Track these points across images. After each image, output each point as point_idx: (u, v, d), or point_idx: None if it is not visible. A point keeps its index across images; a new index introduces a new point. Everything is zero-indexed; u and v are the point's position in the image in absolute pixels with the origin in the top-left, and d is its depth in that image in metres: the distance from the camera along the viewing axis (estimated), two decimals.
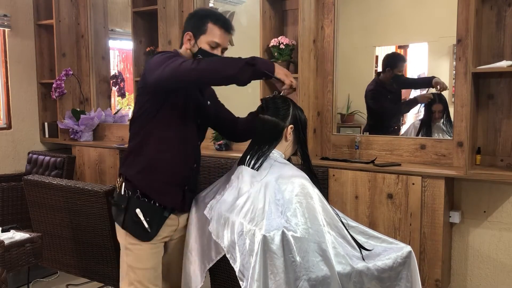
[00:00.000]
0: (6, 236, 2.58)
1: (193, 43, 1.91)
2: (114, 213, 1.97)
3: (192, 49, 1.92)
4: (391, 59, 3.24)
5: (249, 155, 1.80)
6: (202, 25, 1.90)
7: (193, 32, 1.91)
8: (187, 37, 1.92)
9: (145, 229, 1.87)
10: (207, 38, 1.90)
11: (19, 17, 4.15)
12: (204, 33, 1.90)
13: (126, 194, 1.89)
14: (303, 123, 1.82)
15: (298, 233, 1.53)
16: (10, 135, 4.15)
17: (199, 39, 1.91)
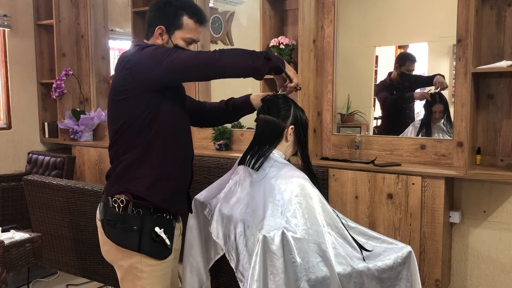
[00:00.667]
0: (6, 236, 2.58)
1: (167, 39, 1.72)
2: (119, 237, 1.69)
3: (165, 45, 1.72)
4: (400, 56, 3.29)
5: (249, 155, 1.80)
6: (177, 18, 1.71)
7: (166, 26, 1.71)
8: (159, 31, 1.71)
9: (166, 246, 1.70)
10: (183, 34, 1.72)
11: (19, 17, 4.15)
12: (179, 28, 1.71)
13: (136, 213, 1.67)
14: (304, 123, 1.82)
15: (298, 234, 1.53)
16: (10, 135, 4.15)
17: (173, 35, 1.72)
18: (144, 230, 1.66)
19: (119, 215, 1.68)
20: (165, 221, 1.71)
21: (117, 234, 1.69)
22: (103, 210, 1.74)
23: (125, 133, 1.68)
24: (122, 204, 1.67)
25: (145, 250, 1.67)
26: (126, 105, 1.67)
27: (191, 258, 1.96)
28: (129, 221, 1.67)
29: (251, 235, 1.61)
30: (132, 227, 1.66)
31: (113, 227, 1.69)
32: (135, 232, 1.66)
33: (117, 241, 1.69)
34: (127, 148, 1.69)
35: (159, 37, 1.71)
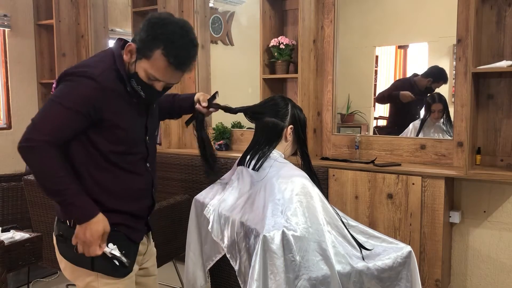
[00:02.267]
0: (6, 236, 2.58)
1: (132, 62, 1.47)
2: (72, 254, 1.51)
3: (130, 66, 1.49)
4: (438, 73, 3.08)
5: (249, 155, 1.80)
6: (149, 48, 1.43)
7: (137, 47, 1.45)
8: (129, 48, 1.47)
9: (123, 263, 1.52)
10: (147, 67, 1.45)
11: (19, 17, 4.15)
12: (148, 57, 1.44)
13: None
14: (303, 122, 1.82)
15: (298, 233, 1.53)
16: (10, 135, 4.14)
17: (139, 61, 1.46)
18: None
19: (70, 230, 1.50)
20: (121, 237, 1.54)
21: (70, 251, 1.52)
22: (57, 224, 1.60)
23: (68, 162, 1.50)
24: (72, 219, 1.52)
25: (100, 268, 1.52)
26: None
27: (191, 258, 1.96)
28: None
29: (251, 235, 1.61)
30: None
31: (64, 243, 1.54)
32: None
33: (70, 258, 1.55)
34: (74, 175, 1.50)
35: (128, 53, 1.48)
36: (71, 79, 1.45)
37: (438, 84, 3.08)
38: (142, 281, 1.72)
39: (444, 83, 3.05)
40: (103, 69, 1.47)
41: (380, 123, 3.53)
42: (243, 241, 1.65)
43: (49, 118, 1.42)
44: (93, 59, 1.55)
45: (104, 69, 1.47)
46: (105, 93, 1.45)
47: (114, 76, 1.48)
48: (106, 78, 1.46)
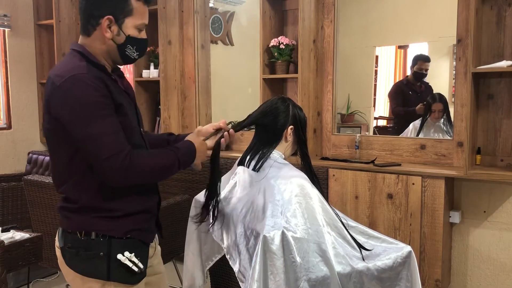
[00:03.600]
0: (6, 236, 2.58)
1: (117, 30, 1.44)
2: (83, 265, 1.47)
3: (116, 38, 1.45)
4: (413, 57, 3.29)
5: (249, 156, 1.80)
6: (125, 4, 1.43)
7: (113, 14, 1.42)
8: (107, 22, 1.42)
9: (140, 269, 1.50)
10: (135, 21, 1.45)
11: (19, 17, 4.15)
12: (129, 14, 1.44)
13: (102, 236, 1.46)
14: (303, 122, 1.81)
15: (297, 234, 1.53)
16: (10, 135, 4.14)
17: (124, 24, 1.44)
18: (112, 256, 1.46)
19: (81, 241, 1.46)
20: (136, 243, 1.52)
21: (81, 263, 1.47)
22: (62, 236, 1.51)
23: (66, 172, 1.46)
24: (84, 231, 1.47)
25: (116, 277, 1.47)
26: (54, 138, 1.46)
27: (190, 258, 1.96)
28: (94, 246, 1.45)
29: (251, 235, 1.60)
30: (98, 253, 1.45)
31: (75, 254, 1.47)
32: (102, 258, 1.45)
33: (81, 270, 1.48)
34: (76, 189, 1.47)
35: (108, 30, 1.43)
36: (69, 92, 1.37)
37: (418, 65, 3.17)
38: (149, 281, 1.69)
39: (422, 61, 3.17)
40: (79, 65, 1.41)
41: (380, 123, 3.53)
42: (243, 242, 1.65)
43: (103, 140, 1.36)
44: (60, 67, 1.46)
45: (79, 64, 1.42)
46: (101, 81, 1.40)
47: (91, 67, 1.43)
48: (90, 69, 1.41)
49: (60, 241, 1.53)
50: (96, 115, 1.36)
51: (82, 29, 1.48)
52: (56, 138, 1.45)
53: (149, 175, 1.46)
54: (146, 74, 3.75)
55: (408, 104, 3.27)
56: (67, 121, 1.37)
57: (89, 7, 1.44)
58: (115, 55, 1.50)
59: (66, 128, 1.38)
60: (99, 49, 1.47)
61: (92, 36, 1.46)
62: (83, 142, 1.37)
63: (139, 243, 1.53)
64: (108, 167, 1.36)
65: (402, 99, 3.32)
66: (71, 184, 1.47)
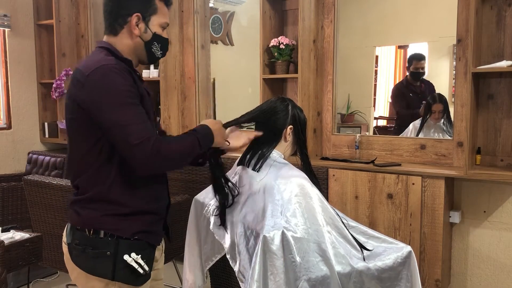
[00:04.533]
0: (6, 236, 2.58)
1: (144, 28, 1.50)
2: (89, 263, 1.48)
3: (144, 35, 1.51)
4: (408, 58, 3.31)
5: (249, 155, 1.80)
6: (150, 3, 1.50)
7: (141, 13, 1.49)
8: (135, 19, 1.48)
9: (145, 271, 1.51)
10: (159, 19, 1.52)
11: (19, 17, 4.15)
12: (155, 12, 1.51)
13: (110, 236, 1.47)
14: (303, 123, 1.81)
15: (297, 234, 1.53)
16: (10, 135, 4.14)
17: (150, 21, 1.51)
18: (118, 256, 1.47)
19: (89, 239, 1.47)
20: (143, 245, 1.52)
21: (87, 260, 1.49)
22: (70, 232, 1.53)
23: (82, 163, 1.48)
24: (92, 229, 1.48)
25: (120, 277, 1.48)
26: (76, 127, 1.47)
27: (190, 258, 1.96)
28: (102, 245, 1.47)
29: (251, 235, 1.60)
30: (105, 253, 1.46)
31: (82, 252, 1.48)
32: (109, 257, 1.46)
33: (87, 268, 1.49)
34: (91, 181, 1.48)
35: (136, 27, 1.48)
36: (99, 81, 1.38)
37: (413, 65, 3.18)
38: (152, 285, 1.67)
39: (417, 60, 3.19)
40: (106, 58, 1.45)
41: (380, 123, 3.53)
42: (243, 242, 1.65)
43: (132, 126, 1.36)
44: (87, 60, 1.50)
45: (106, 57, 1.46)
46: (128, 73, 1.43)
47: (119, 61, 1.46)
48: (117, 62, 1.45)
49: (68, 237, 1.55)
50: (125, 103, 1.38)
51: (108, 29, 1.52)
52: (78, 129, 1.46)
53: (177, 158, 1.45)
54: (146, 74, 3.75)
55: (411, 105, 3.26)
56: (95, 108, 1.38)
57: (116, 7, 1.49)
58: (141, 52, 1.54)
59: (93, 116, 1.39)
60: (126, 47, 1.51)
61: (119, 35, 1.50)
62: (112, 130, 1.37)
63: (146, 245, 1.53)
64: (139, 153, 1.35)
65: (405, 102, 3.32)
66: (86, 176, 1.48)
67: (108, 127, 1.37)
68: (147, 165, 1.38)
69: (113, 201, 1.47)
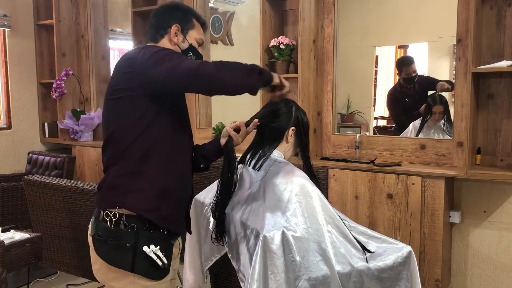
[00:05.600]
0: (6, 236, 2.58)
1: (182, 38, 1.69)
2: (110, 254, 1.54)
3: (181, 44, 1.69)
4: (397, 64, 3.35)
5: (250, 155, 1.80)
6: (189, 19, 1.71)
7: (181, 25, 1.69)
8: (175, 29, 1.67)
9: (164, 264, 1.55)
10: (196, 34, 1.72)
11: (19, 17, 4.15)
12: (192, 28, 1.71)
13: (130, 228, 1.52)
14: (305, 125, 1.81)
15: (298, 233, 1.53)
16: (10, 135, 4.15)
17: (188, 34, 1.70)
18: (138, 248, 1.51)
19: (110, 230, 1.53)
20: (163, 237, 1.57)
21: (109, 252, 1.54)
22: (94, 224, 1.60)
23: (119, 138, 1.55)
24: (114, 218, 1.52)
25: (140, 270, 1.52)
26: (120, 106, 1.55)
27: (190, 258, 1.97)
28: (122, 237, 1.51)
29: (252, 235, 1.61)
30: (125, 244, 1.51)
31: (104, 243, 1.54)
32: (129, 249, 1.51)
33: (108, 259, 1.54)
34: (121, 156, 1.55)
35: (174, 36, 1.67)
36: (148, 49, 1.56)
37: (404, 71, 3.22)
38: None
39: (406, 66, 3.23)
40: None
41: (380, 123, 3.54)
42: (243, 241, 1.65)
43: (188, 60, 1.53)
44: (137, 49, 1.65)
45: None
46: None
47: None
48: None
49: (92, 229, 1.62)
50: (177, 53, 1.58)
51: (151, 38, 1.71)
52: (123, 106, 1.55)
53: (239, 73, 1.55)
54: None
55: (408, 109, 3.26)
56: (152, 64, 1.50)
57: (159, 21, 1.70)
58: None
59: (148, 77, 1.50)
60: None
61: (159, 42, 1.69)
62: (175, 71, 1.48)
63: (166, 237, 1.58)
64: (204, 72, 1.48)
65: (401, 107, 3.32)
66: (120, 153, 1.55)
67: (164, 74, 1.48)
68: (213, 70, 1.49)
69: (144, 173, 1.54)
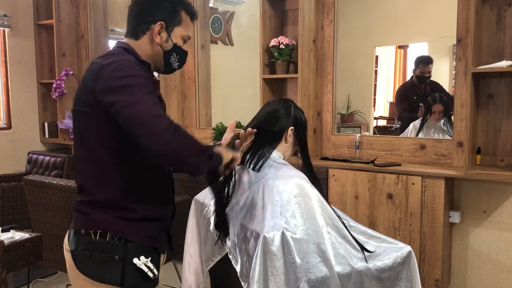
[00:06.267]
0: (6, 236, 2.58)
1: (166, 37, 1.50)
2: (97, 269, 1.43)
3: (164, 44, 1.50)
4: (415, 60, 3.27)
5: (249, 155, 1.80)
6: (176, 14, 1.51)
7: (165, 22, 1.49)
8: (158, 28, 1.48)
9: (154, 275, 1.47)
10: (182, 31, 1.53)
11: (19, 17, 4.15)
12: (179, 24, 1.52)
13: (117, 239, 1.42)
14: (304, 124, 1.81)
15: (297, 235, 1.53)
16: (10, 135, 4.14)
17: (173, 32, 1.51)
18: (127, 260, 1.42)
19: (96, 243, 1.42)
20: (151, 249, 1.50)
21: (94, 267, 1.43)
22: (74, 238, 1.46)
23: (91, 161, 1.43)
24: (99, 231, 1.42)
25: (129, 283, 1.43)
26: (86, 121, 1.41)
27: (190, 258, 1.96)
28: (110, 249, 1.42)
29: (251, 236, 1.60)
30: (113, 257, 1.41)
31: (88, 257, 1.42)
32: (117, 262, 1.41)
33: (93, 274, 1.43)
34: (98, 184, 1.44)
35: (158, 35, 1.48)
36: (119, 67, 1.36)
37: (420, 69, 3.15)
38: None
39: (423, 64, 3.16)
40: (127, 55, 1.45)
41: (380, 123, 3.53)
42: (243, 243, 1.65)
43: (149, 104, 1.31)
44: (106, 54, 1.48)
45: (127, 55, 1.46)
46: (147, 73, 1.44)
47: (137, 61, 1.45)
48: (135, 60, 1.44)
49: (71, 244, 1.47)
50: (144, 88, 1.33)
51: (130, 32, 1.52)
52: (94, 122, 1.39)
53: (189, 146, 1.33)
54: None
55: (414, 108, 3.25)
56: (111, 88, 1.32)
57: (142, 12, 1.50)
58: (159, 61, 1.53)
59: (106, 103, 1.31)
60: (145, 53, 1.50)
61: (139, 40, 1.50)
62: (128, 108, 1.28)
63: (153, 250, 1.50)
64: (156, 125, 1.27)
65: (408, 105, 3.31)
66: (96, 178, 1.44)
67: (125, 105, 1.29)
68: (163, 139, 1.27)
69: (122, 205, 1.43)
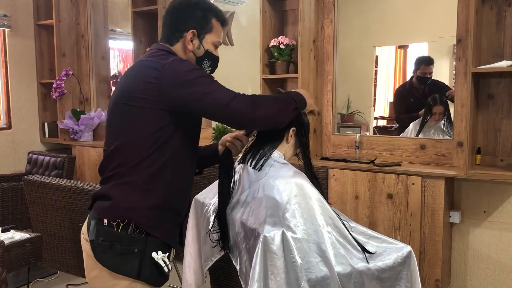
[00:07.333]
0: (6, 236, 2.58)
1: (198, 44, 1.58)
2: (115, 260, 1.47)
3: (196, 51, 1.58)
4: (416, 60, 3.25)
5: (250, 155, 1.80)
6: (207, 21, 1.58)
7: (196, 29, 1.56)
8: (191, 35, 1.56)
9: (169, 270, 1.53)
10: (213, 38, 1.60)
11: (19, 17, 4.15)
12: (210, 31, 1.59)
13: (138, 233, 1.47)
14: (306, 126, 1.81)
15: (297, 234, 1.53)
16: (10, 135, 4.15)
17: (204, 39, 1.59)
18: (146, 254, 1.47)
19: (117, 235, 1.46)
20: (167, 245, 1.56)
21: (113, 258, 1.47)
22: (95, 228, 1.50)
23: (133, 149, 1.48)
24: (122, 223, 1.46)
25: (145, 276, 1.48)
26: (136, 114, 1.46)
27: (190, 257, 1.96)
28: (130, 242, 1.46)
29: (252, 236, 1.60)
30: (133, 250, 1.46)
31: (109, 248, 1.46)
32: (136, 255, 1.46)
33: (112, 265, 1.48)
34: (131, 169, 1.48)
35: (190, 42, 1.56)
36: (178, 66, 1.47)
37: (421, 69, 3.14)
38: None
39: (425, 64, 3.14)
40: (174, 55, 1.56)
41: (380, 123, 3.53)
42: (243, 242, 1.65)
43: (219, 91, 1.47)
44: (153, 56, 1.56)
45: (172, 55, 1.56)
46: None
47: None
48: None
49: (91, 234, 1.51)
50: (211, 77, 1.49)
51: (166, 39, 1.60)
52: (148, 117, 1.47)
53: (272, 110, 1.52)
54: None
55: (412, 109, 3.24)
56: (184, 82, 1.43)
57: (175, 21, 1.58)
58: None
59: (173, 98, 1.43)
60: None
61: (174, 46, 1.59)
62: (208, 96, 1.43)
63: (168, 245, 1.57)
64: (236, 104, 1.43)
65: (405, 107, 3.30)
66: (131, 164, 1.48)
67: (195, 99, 1.43)
68: (248, 111, 1.44)
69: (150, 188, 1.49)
